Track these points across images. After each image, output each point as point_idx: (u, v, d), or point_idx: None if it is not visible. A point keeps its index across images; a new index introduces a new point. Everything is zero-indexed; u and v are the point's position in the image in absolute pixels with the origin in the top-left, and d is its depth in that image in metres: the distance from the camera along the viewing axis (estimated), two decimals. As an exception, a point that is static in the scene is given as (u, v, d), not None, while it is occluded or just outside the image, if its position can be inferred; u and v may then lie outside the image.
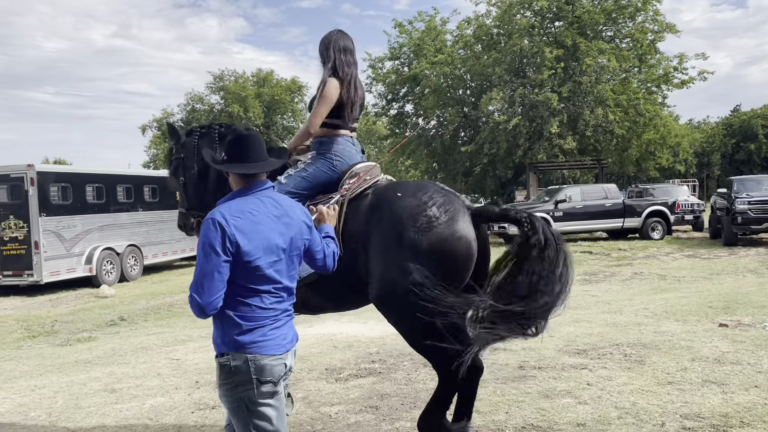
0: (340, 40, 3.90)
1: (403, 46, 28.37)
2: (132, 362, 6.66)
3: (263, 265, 2.47)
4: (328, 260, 2.90)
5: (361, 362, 6.27)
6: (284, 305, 2.60)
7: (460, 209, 3.44)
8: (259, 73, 39.82)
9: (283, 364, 2.52)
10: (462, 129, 27.80)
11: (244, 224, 2.46)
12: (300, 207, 2.78)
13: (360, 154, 3.96)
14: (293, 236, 2.61)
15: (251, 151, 2.63)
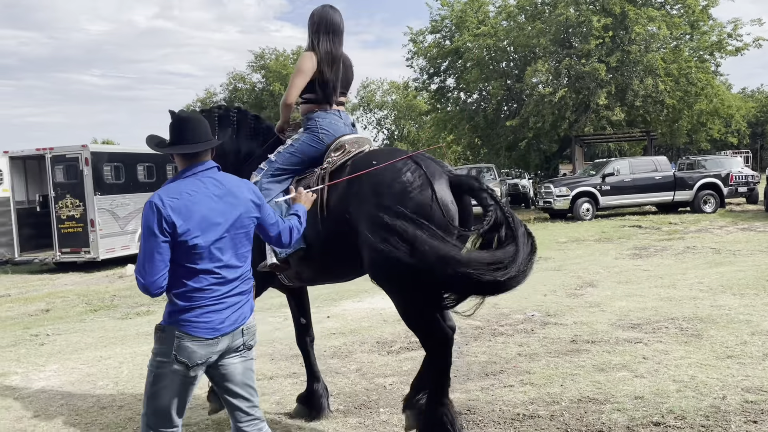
0: (325, 15, 3.93)
1: (445, 19, 27.93)
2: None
3: (201, 243, 2.53)
4: (283, 235, 2.93)
5: (412, 336, 6.30)
6: (228, 286, 2.63)
7: (435, 173, 3.40)
8: (299, 50, 39.89)
9: (210, 350, 2.55)
10: (505, 102, 27.36)
11: (180, 205, 2.52)
12: (249, 186, 2.81)
13: (348, 127, 3.99)
14: (237, 215, 2.65)
15: (188, 133, 2.68)
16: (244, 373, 2.70)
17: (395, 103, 47.19)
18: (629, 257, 11.13)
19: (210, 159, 2.75)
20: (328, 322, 7.09)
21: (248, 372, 2.73)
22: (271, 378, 5.19)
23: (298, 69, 3.85)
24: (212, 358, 2.57)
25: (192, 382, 2.59)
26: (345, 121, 4.00)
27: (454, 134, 30.33)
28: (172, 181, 2.67)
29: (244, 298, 2.70)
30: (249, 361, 2.73)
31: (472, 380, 4.88)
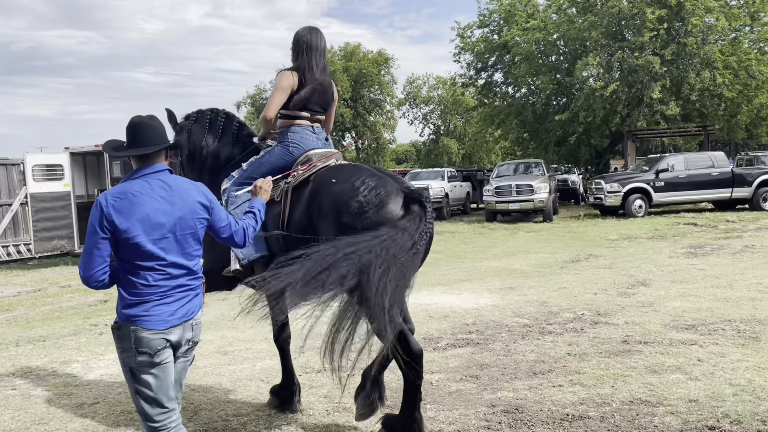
0: (306, 37, 4.17)
1: (493, 13, 27.61)
2: (240, 327, 7.02)
3: (143, 242, 2.66)
4: (236, 236, 3.05)
5: (458, 332, 6.32)
6: (175, 282, 2.76)
7: (391, 192, 3.54)
8: (346, 46, 40.14)
9: (163, 338, 2.69)
10: (554, 97, 26.87)
11: (122, 205, 2.67)
12: (198, 189, 2.92)
13: (321, 142, 4.19)
14: (182, 216, 2.77)
15: (140, 137, 2.82)
16: (182, 372, 2.90)
17: (441, 99, 46.92)
18: (684, 256, 10.81)
19: (162, 162, 2.88)
20: (375, 318, 7.13)
21: (184, 372, 2.92)
22: (319, 371, 5.25)
23: (278, 86, 4.10)
24: (169, 343, 2.72)
25: (163, 364, 2.72)
26: (318, 136, 4.21)
27: (502, 129, 29.99)
28: (122, 181, 2.83)
29: (192, 294, 2.84)
30: (189, 361, 2.93)
31: (520, 379, 4.84)
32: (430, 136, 48.99)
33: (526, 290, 8.34)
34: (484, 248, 13.76)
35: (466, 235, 16.80)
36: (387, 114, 42.28)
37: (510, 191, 19.39)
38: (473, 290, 8.59)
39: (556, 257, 11.58)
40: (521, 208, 19.39)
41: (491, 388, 4.66)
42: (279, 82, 4.10)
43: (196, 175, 4.34)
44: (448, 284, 9.18)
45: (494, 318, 6.85)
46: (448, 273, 10.35)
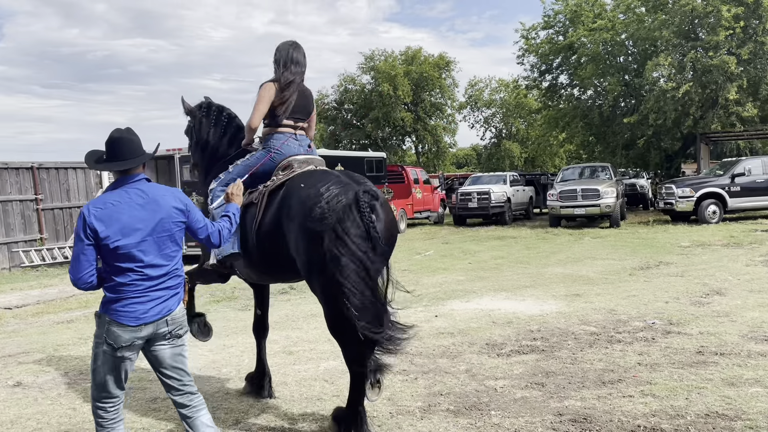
0: (287, 51, 4.46)
1: (559, 14, 27.03)
2: (304, 327, 7.14)
3: (122, 246, 2.94)
4: (212, 238, 3.32)
5: (522, 339, 6.22)
6: (151, 282, 3.01)
7: (352, 200, 3.66)
8: (407, 50, 40.16)
9: (133, 336, 2.97)
10: (622, 98, 26.05)
11: (103, 213, 2.95)
12: (175, 195, 3.17)
13: (304, 148, 4.45)
14: (158, 220, 3.03)
15: (119, 151, 3.07)
16: (173, 358, 3.13)
17: (504, 101, 46.34)
18: (762, 264, 10.27)
19: (140, 172, 3.14)
20: (436, 322, 7.11)
21: (177, 357, 3.15)
22: (382, 374, 5.28)
23: (261, 96, 4.33)
24: (137, 342, 3.00)
25: (121, 361, 3.01)
26: (301, 143, 4.47)
27: (567, 132, 29.31)
28: (105, 191, 3.12)
29: (170, 293, 3.09)
30: (178, 348, 3.15)
31: (588, 388, 4.71)
32: (492, 140, 48.44)
33: (593, 297, 8.13)
34: (548, 254, 13.49)
35: (529, 241, 16.51)
36: (448, 117, 42.09)
37: (575, 196, 18.94)
38: (537, 296, 8.44)
39: (624, 264, 11.23)
40: (587, 213, 18.91)
41: (558, 397, 4.56)
42: (261, 93, 4.34)
43: (204, 160, 4.85)
44: (511, 290, 9.05)
45: (560, 325, 6.70)
46: (511, 278, 10.20)
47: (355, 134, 39.75)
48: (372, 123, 38.07)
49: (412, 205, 22.31)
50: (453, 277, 10.65)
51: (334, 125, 41.22)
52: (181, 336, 3.16)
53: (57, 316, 8.79)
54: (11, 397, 5.12)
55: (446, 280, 10.43)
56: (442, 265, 12.37)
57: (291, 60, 4.46)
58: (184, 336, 3.18)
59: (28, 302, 10.06)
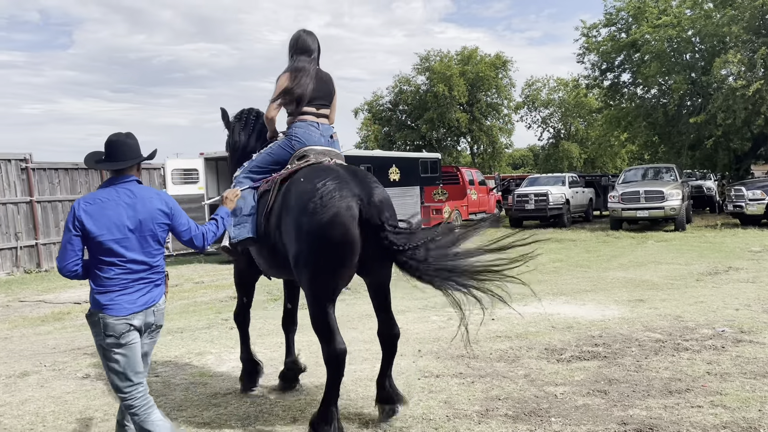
0: (300, 39, 4.50)
1: (621, 11, 26.26)
2: (359, 327, 7.16)
3: (107, 241, 3.14)
4: (195, 240, 3.49)
5: (583, 344, 6.04)
6: (135, 276, 3.22)
7: (345, 198, 3.71)
8: (463, 50, 39.84)
9: (126, 323, 3.16)
10: (689, 97, 25.08)
11: (92, 209, 3.17)
12: (161, 198, 3.36)
13: (325, 138, 4.44)
14: (142, 220, 3.22)
15: (115, 152, 3.30)
16: (147, 349, 3.36)
17: (562, 101, 45.40)
18: (843, 272, 9.67)
19: (133, 173, 3.36)
20: (493, 325, 6.99)
21: (150, 349, 3.40)
22: (438, 376, 5.23)
23: (277, 88, 4.39)
24: (133, 329, 3.20)
25: (129, 345, 3.20)
26: (323, 132, 4.47)
27: (629, 132, 28.43)
28: (99, 188, 3.34)
29: (152, 285, 3.30)
30: (153, 342, 3.40)
31: (654, 397, 4.53)
32: (550, 140, 47.53)
33: (658, 303, 7.83)
34: (609, 257, 13.10)
35: (589, 244, 16.09)
36: (504, 118, 41.54)
37: (638, 198, 18.34)
38: (598, 301, 8.19)
39: (691, 269, 10.78)
40: (650, 216, 18.28)
41: (622, 405, 4.40)
42: (278, 84, 4.39)
43: (232, 164, 4.96)
44: (571, 294, 8.82)
45: (622, 331, 6.48)
46: (570, 282, 9.95)
47: (410, 135, 39.72)
48: (427, 124, 37.96)
49: (467, 207, 22.11)
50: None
51: (389, 126, 41.32)
52: (162, 326, 3.42)
53: (123, 312, 9.11)
54: (80, 388, 5.32)
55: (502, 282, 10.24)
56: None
57: (301, 48, 4.48)
58: (161, 327, 3.44)
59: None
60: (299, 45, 4.50)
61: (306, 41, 4.52)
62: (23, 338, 7.64)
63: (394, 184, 18.68)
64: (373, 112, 42.04)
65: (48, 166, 15.15)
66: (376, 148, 37.15)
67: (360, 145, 43.11)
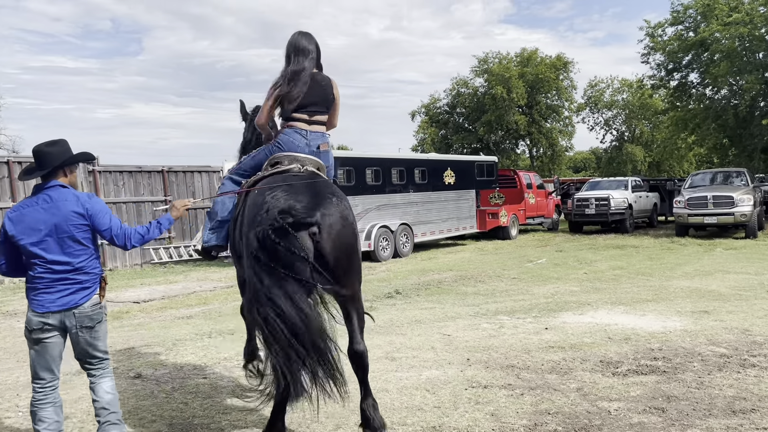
0: (293, 41, 4.33)
1: (689, 9, 25.24)
2: (408, 333, 7.06)
3: (26, 244, 3.41)
4: (116, 239, 3.61)
5: (641, 358, 5.75)
6: (57, 276, 3.43)
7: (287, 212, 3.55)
8: (523, 52, 39.16)
9: (41, 321, 3.41)
10: (762, 98, 23.84)
11: (14, 215, 3.45)
12: (79, 201, 3.50)
13: (309, 147, 4.22)
14: (56, 223, 3.42)
15: (38, 162, 3.53)
16: (86, 347, 3.53)
17: (626, 102, 43.98)
18: None
19: (58, 179, 3.55)
20: (546, 334, 6.76)
21: (89, 347, 3.55)
22: (486, 387, 5.07)
23: (268, 93, 4.28)
24: (47, 327, 3.42)
25: (37, 343, 3.44)
26: (310, 140, 4.25)
27: (697, 134, 27.31)
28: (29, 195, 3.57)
29: (76, 287, 3.47)
30: (91, 339, 3.54)
31: (716, 416, 4.25)
32: (612, 143, 46.13)
33: (724, 315, 7.40)
34: (674, 265, 12.53)
35: (652, 251, 15.46)
36: (564, 120, 40.58)
37: (705, 203, 17.52)
38: (659, 312, 7.81)
39: (761, 279, 10.17)
40: (719, 222, 17.42)
41: (680, 425, 4.14)
42: (270, 90, 4.28)
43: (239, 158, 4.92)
44: (631, 303, 8.46)
45: (684, 344, 6.14)
46: (630, 291, 9.55)
47: (467, 138, 39.35)
48: (484, 126, 37.51)
49: (524, 211, 21.67)
50: (566, 288, 10.15)
51: (446, 129, 41.05)
52: (92, 328, 3.53)
53: (178, 312, 9.32)
54: (131, 387, 5.44)
55: (558, 290, 9.96)
56: (554, 275, 11.86)
57: (297, 50, 4.30)
58: (96, 328, 3.55)
59: (154, 297, 10.77)
60: (295, 47, 4.32)
61: (302, 43, 4.33)
62: (83, 336, 7.91)
63: (449, 188, 18.50)
64: (429, 115, 41.88)
65: (113, 168, 15.75)
66: (432, 151, 36.98)
67: (416, 148, 43.05)
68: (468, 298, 9.59)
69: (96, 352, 3.60)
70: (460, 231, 19.14)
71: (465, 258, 15.77)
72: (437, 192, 17.98)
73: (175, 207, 3.94)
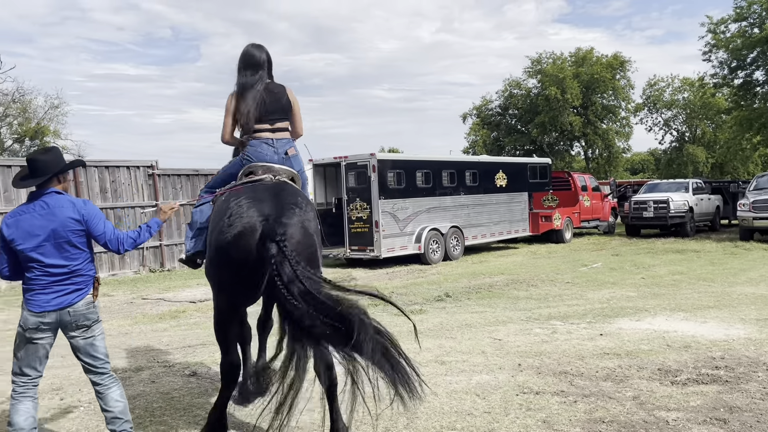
0: (245, 53, 4.39)
1: (753, 4, 24.20)
2: (458, 337, 7.00)
3: (24, 249, 3.54)
4: (110, 245, 3.74)
5: (702, 366, 5.53)
6: (53, 278, 3.57)
7: (249, 223, 3.61)
8: (578, 52, 38.38)
9: (38, 320, 3.55)
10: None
11: (11, 221, 3.59)
12: (75, 207, 3.64)
13: (279, 156, 4.31)
14: (54, 228, 3.56)
15: (32, 170, 3.65)
16: (86, 347, 3.68)
17: (687, 102, 42.49)
18: None
19: (53, 186, 3.68)
20: (601, 341, 6.59)
21: (89, 347, 3.68)
22: (538, 393, 4.97)
23: (225, 109, 4.38)
24: (43, 327, 3.55)
25: (30, 342, 3.58)
26: (277, 148, 4.34)
27: (762, 134, 26.16)
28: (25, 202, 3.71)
29: (71, 288, 3.61)
30: (89, 339, 3.68)
31: (783, 431, 4.04)
32: (672, 144, 44.64)
33: (793, 324, 7.04)
34: (737, 271, 12.01)
35: (715, 255, 14.87)
36: (621, 121, 39.52)
37: (772, 206, 16.75)
38: (722, 319, 7.50)
39: (835, 286, 9.64)
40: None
41: (744, 438, 3.96)
42: (226, 105, 4.38)
43: None
44: (691, 310, 8.15)
45: (748, 353, 5.88)
46: (690, 297, 9.21)
47: (519, 140, 38.82)
48: (537, 128, 36.93)
49: (578, 214, 21.21)
50: (622, 293, 9.87)
51: (498, 131, 40.60)
52: (89, 327, 3.67)
53: (232, 312, 9.51)
54: (186, 386, 5.58)
55: (614, 295, 9.69)
56: (610, 279, 11.55)
57: (247, 63, 4.38)
58: (93, 327, 3.69)
59: (210, 297, 11.02)
60: (245, 60, 4.38)
61: (253, 55, 4.39)
62: (141, 334, 8.18)
63: (500, 190, 18.28)
64: (481, 117, 41.53)
65: (171, 172, 16.26)
66: (483, 153, 36.64)
67: (467, 150, 42.74)
68: (520, 302, 9.44)
69: (97, 353, 3.72)
70: (512, 234, 18.88)
71: (517, 261, 15.54)
72: (488, 194, 17.80)
73: (162, 210, 4.11)
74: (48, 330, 3.60)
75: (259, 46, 4.49)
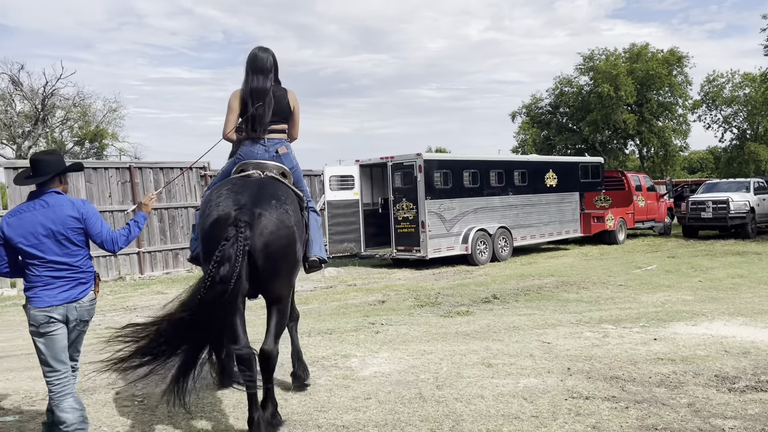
0: (252, 56, 4.56)
1: (821, -7, 23.07)
2: (505, 340, 6.90)
3: (25, 246, 3.66)
4: (106, 244, 3.86)
5: (762, 373, 5.30)
6: (56, 273, 3.69)
7: (224, 211, 3.91)
8: (632, 48, 37.30)
9: (46, 315, 3.64)
10: None
11: (12, 220, 3.70)
12: (74, 206, 3.77)
13: (269, 153, 4.53)
14: (54, 225, 3.68)
15: (36, 169, 3.80)
16: (77, 341, 3.86)
17: (749, 98, 40.75)
18: None
19: (54, 186, 3.82)
20: (655, 345, 6.38)
21: (78, 341, 3.87)
22: (587, 398, 4.85)
23: (228, 107, 4.53)
24: (53, 321, 3.65)
25: (49, 335, 3.66)
26: (268, 147, 4.55)
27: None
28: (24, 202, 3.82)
29: (74, 283, 3.74)
30: (81, 334, 3.87)
31: None
32: (733, 142, 42.90)
33: None
34: (802, 274, 11.45)
35: (777, 257, 14.22)
36: (678, 118, 38.23)
37: (840, 206, 15.91)
38: (785, 324, 7.16)
39: None
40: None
41: (808, 451, 3.76)
42: (230, 103, 4.52)
43: None
44: (751, 315, 7.81)
45: (814, 361, 5.59)
46: (751, 301, 8.83)
47: (571, 138, 38.02)
48: (589, 126, 36.09)
49: (632, 214, 20.65)
50: (678, 296, 9.54)
51: (548, 130, 39.89)
52: (88, 323, 3.86)
53: (281, 310, 9.65)
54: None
55: (670, 299, 9.38)
56: (665, 282, 11.18)
57: (255, 67, 4.52)
58: (89, 323, 3.87)
59: (259, 296, 11.21)
60: (253, 64, 4.54)
61: (261, 59, 4.54)
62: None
63: (550, 190, 17.97)
64: (531, 116, 40.89)
65: (223, 173, 16.61)
66: (533, 152, 36.06)
67: (516, 149, 42.16)
68: (570, 305, 9.24)
69: (80, 346, 3.91)
70: (562, 235, 18.52)
71: (567, 263, 15.23)
72: (538, 194, 17.51)
73: (144, 203, 4.22)
74: (58, 322, 3.70)
75: (265, 49, 4.69)
